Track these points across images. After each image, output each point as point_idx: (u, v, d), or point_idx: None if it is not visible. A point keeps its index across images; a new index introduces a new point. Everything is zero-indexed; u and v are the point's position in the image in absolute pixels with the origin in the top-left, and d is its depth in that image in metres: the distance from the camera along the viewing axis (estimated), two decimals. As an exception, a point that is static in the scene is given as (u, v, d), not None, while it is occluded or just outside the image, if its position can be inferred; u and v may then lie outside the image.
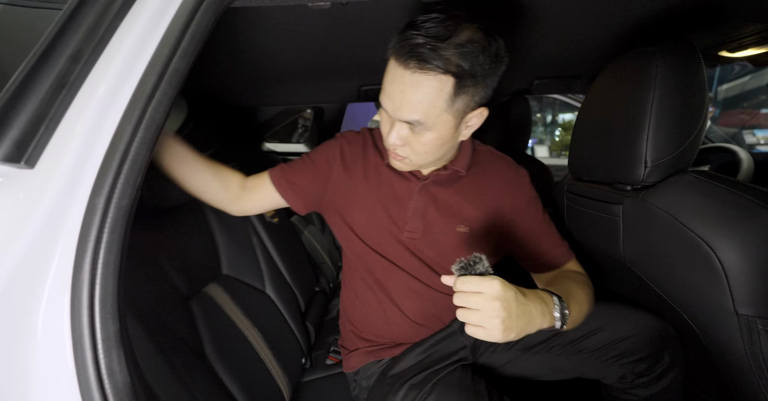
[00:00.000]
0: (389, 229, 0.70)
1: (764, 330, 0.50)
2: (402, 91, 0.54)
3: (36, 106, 0.35)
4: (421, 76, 0.52)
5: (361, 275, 0.75)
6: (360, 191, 0.71)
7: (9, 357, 0.33)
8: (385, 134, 0.60)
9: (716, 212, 0.51)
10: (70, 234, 0.36)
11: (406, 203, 0.70)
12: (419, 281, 0.71)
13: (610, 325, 0.68)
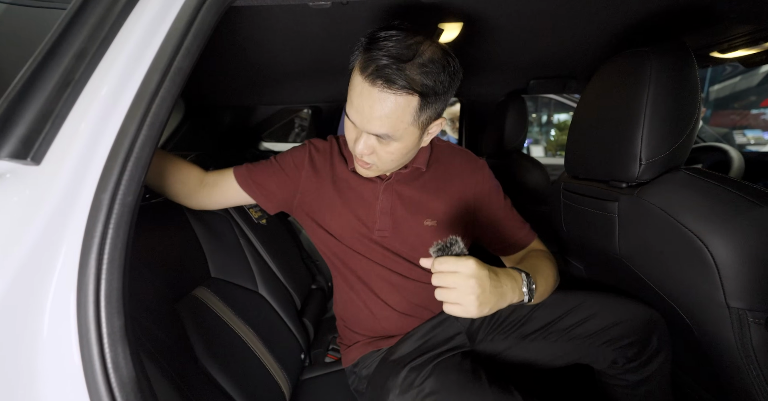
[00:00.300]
0: (360, 230, 0.73)
1: (754, 322, 0.52)
2: (370, 107, 0.55)
3: (42, 103, 0.36)
4: (388, 94, 0.54)
5: (343, 275, 0.78)
6: (329, 197, 0.74)
7: (16, 351, 0.33)
8: (352, 143, 0.62)
9: (708, 208, 0.53)
10: (75, 230, 0.36)
11: (373, 204, 0.73)
12: (398, 275, 0.74)
13: (602, 312, 0.71)
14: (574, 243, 0.90)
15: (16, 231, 0.34)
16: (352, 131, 0.62)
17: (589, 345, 0.72)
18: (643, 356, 0.71)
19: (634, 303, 0.73)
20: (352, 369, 0.81)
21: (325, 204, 0.74)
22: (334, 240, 0.75)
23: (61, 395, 0.35)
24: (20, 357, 0.34)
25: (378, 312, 0.76)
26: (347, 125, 0.62)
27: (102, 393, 0.36)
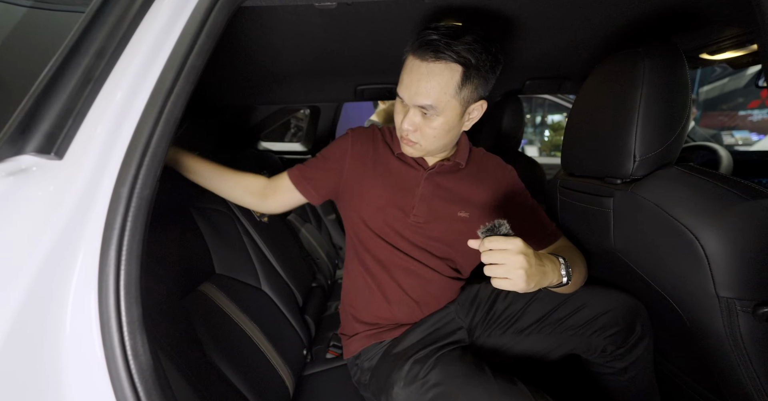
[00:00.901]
0: (395, 214, 0.77)
1: (742, 311, 0.54)
2: (418, 80, 0.64)
3: (64, 100, 0.37)
4: (435, 65, 0.63)
5: (363, 260, 0.81)
6: (369, 179, 0.78)
7: (41, 338, 0.34)
8: (399, 123, 0.70)
9: (699, 202, 0.55)
10: (96, 222, 0.38)
11: (413, 190, 0.78)
12: (418, 262, 0.78)
13: (591, 302, 0.75)
14: (570, 238, 0.93)
15: (41, 223, 0.35)
16: (400, 112, 0.70)
17: (581, 334, 0.75)
18: (629, 342, 0.75)
19: (617, 292, 0.77)
20: (353, 361, 0.82)
21: (365, 186, 0.78)
22: (363, 226, 0.79)
23: (84, 381, 0.36)
24: (45, 343, 0.35)
25: (392, 296, 0.78)
26: (397, 108, 0.71)
27: (123, 380, 0.37)
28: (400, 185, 0.78)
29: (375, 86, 1.62)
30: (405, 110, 0.69)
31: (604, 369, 0.80)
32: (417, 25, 0.99)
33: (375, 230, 0.78)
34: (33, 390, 0.34)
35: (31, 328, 0.34)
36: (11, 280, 0.33)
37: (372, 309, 0.81)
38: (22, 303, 0.33)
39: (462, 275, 0.85)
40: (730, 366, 0.60)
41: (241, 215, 1.10)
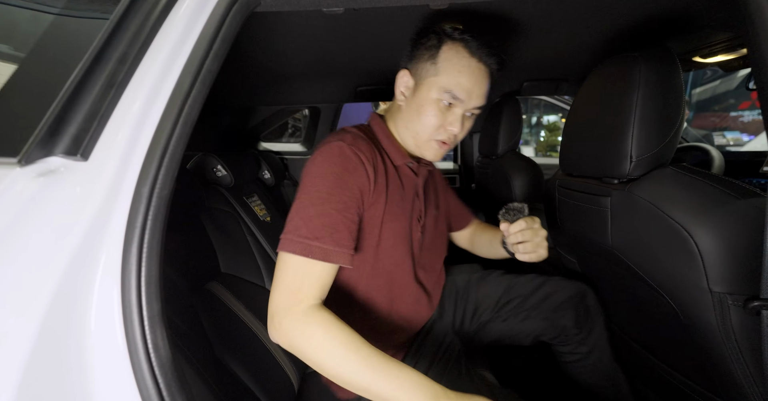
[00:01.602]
0: (412, 225, 0.74)
1: (733, 305, 0.57)
2: (480, 84, 0.66)
3: (89, 104, 0.38)
4: (489, 73, 0.68)
5: (371, 290, 0.70)
6: (383, 197, 0.67)
7: (69, 331, 0.36)
8: (444, 126, 0.67)
9: (693, 201, 0.58)
10: (118, 221, 0.39)
11: (420, 196, 0.78)
12: (422, 272, 0.78)
13: (557, 289, 0.88)
14: (568, 237, 0.95)
15: (69, 222, 0.36)
16: (441, 115, 0.66)
17: (540, 313, 0.87)
18: (588, 325, 0.86)
19: (570, 280, 0.91)
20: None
21: (380, 206, 0.66)
22: (378, 250, 0.68)
23: (108, 373, 0.38)
24: (72, 336, 0.36)
25: (386, 327, 0.72)
26: (435, 112, 0.66)
27: (145, 372, 0.39)
28: (411, 194, 0.74)
29: (375, 87, 1.64)
30: (454, 112, 0.66)
31: (572, 357, 0.89)
32: (419, 28, 1.01)
33: (390, 249, 0.69)
34: (62, 382, 0.35)
35: (59, 322, 0.35)
36: (42, 277, 0.34)
37: (378, 336, 0.71)
38: (52, 298, 0.34)
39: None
40: (722, 358, 0.62)
41: (245, 214, 1.12)
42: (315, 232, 0.54)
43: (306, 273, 0.54)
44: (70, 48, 0.40)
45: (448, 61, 0.65)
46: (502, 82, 1.63)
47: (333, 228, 0.55)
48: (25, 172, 0.36)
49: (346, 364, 0.50)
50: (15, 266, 0.34)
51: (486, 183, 1.64)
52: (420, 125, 0.67)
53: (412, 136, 0.70)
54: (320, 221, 0.55)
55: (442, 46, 0.66)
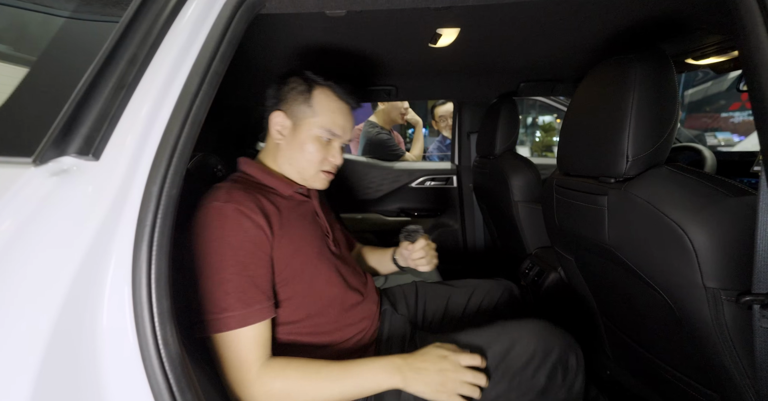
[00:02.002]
0: (325, 245, 0.75)
1: (726, 300, 0.59)
2: (351, 121, 0.78)
3: (101, 105, 0.39)
4: (350, 110, 0.79)
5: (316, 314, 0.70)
6: (288, 232, 0.67)
7: (82, 328, 0.36)
8: (326, 158, 0.75)
9: (688, 200, 0.59)
10: (129, 219, 0.40)
11: (323, 217, 0.80)
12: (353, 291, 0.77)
13: (520, 339, 0.70)
14: (566, 236, 0.97)
15: (82, 220, 0.37)
16: (323, 149, 0.74)
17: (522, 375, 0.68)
18: (568, 377, 0.71)
19: (550, 326, 0.74)
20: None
21: (287, 239, 0.66)
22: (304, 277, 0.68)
23: (119, 368, 0.38)
24: (85, 332, 0.37)
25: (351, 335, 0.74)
26: (318, 147, 0.74)
27: (156, 368, 0.39)
28: (313, 219, 0.76)
29: (374, 88, 1.65)
30: (333, 146, 0.76)
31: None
32: (417, 30, 1.03)
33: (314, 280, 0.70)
34: (75, 377, 0.36)
35: (73, 319, 0.36)
36: (56, 274, 0.35)
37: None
38: (66, 295, 0.35)
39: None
40: (715, 352, 0.64)
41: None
42: (221, 304, 0.55)
43: (237, 344, 0.55)
44: (80, 51, 0.41)
45: (322, 103, 0.74)
46: (499, 83, 1.65)
47: (238, 292, 0.55)
48: (40, 171, 0.36)
49: (317, 392, 0.57)
50: (31, 264, 0.34)
51: (484, 183, 1.65)
52: (305, 161, 0.74)
53: (298, 171, 0.76)
54: (222, 292, 0.55)
55: (312, 90, 0.74)
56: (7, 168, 0.36)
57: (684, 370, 0.78)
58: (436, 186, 2.08)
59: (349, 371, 0.59)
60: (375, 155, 2.13)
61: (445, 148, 2.43)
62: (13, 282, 0.33)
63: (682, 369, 0.79)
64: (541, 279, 1.30)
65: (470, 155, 1.99)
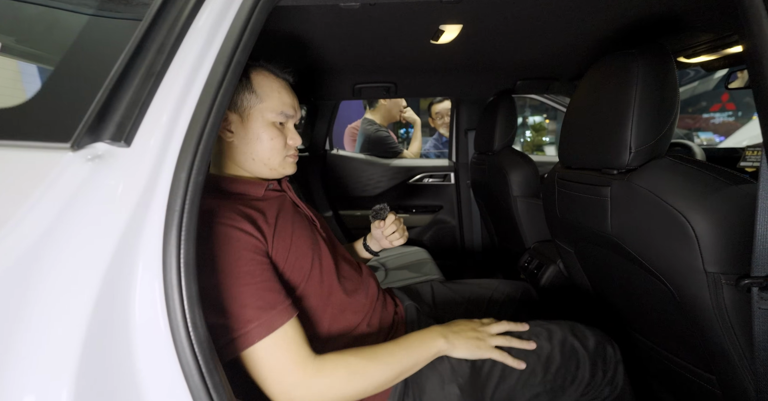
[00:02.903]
0: (317, 238, 0.72)
1: (726, 284, 0.62)
2: (294, 97, 0.73)
3: (131, 93, 0.39)
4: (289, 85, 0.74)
5: (338, 309, 0.71)
6: (284, 231, 0.66)
7: (114, 311, 0.37)
8: (284, 144, 0.70)
9: (690, 188, 0.62)
10: (159, 205, 0.40)
11: (303, 208, 0.76)
12: (351, 272, 0.77)
13: (555, 333, 0.74)
14: (567, 228, 1.00)
15: (116, 205, 0.37)
16: (281, 134, 0.69)
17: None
18: (610, 364, 0.74)
19: (579, 324, 0.78)
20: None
21: (281, 243, 0.64)
22: (314, 271, 0.69)
23: (151, 351, 0.39)
24: (118, 315, 0.37)
25: (369, 318, 0.75)
26: (276, 133, 0.68)
27: (186, 350, 0.40)
28: (296, 213, 0.72)
29: (374, 85, 1.66)
30: (288, 128, 0.71)
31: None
32: (421, 26, 1.04)
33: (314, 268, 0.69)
34: (111, 360, 0.36)
35: (109, 302, 0.36)
36: (95, 255, 0.35)
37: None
38: (103, 276, 0.35)
39: None
40: (715, 335, 0.67)
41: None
42: (242, 319, 0.53)
43: (277, 350, 0.54)
44: (111, 41, 0.41)
45: (264, 86, 0.68)
46: (497, 81, 1.68)
47: (254, 301, 0.54)
48: (77, 156, 0.37)
49: (370, 378, 0.59)
50: (70, 246, 0.35)
51: (482, 179, 1.68)
52: (268, 151, 0.68)
53: (264, 163, 0.69)
54: (238, 306, 0.53)
55: (250, 75, 0.67)
56: (48, 152, 0.36)
57: (683, 356, 0.82)
58: (434, 183, 2.10)
59: (395, 350, 0.63)
60: (373, 152, 2.14)
61: (442, 146, 2.45)
62: (59, 260, 0.34)
63: (681, 355, 0.82)
64: (540, 272, 1.33)
65: (468, 152, 2.02)
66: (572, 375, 0.72)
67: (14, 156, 0.36)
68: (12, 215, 0.33)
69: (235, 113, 0.67)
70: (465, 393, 0.67)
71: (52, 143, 0.36)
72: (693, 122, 5.49)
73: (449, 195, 2.10)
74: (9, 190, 0.35)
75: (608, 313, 1.05)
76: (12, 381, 0.31)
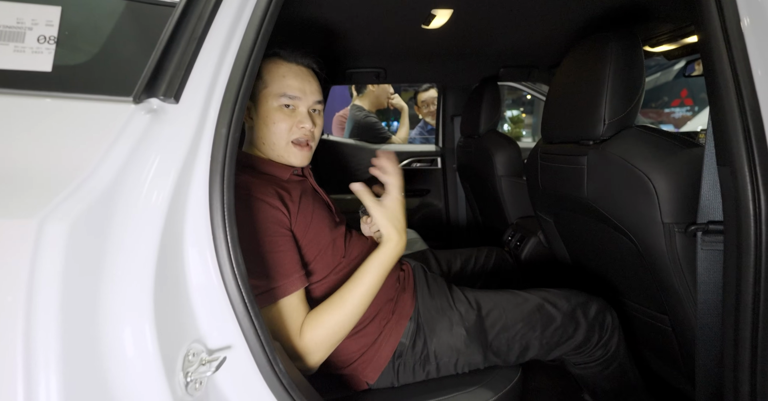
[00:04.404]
0: (336, 222, 0.79)
1: (678, 232, 0.73)
2: (309, 82, 0.74)
3: (178, 55, 0.44)
4: (309, 72, 0.76)
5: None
6: (306, 217, 0.72)
7: (175, 246, 0.42)
8: (293, 129, 0.72)
9: (652, 152, 0.73)
10: (204, 155, 0.45)
11: (323, 196, 0.81)
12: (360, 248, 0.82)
13: (559, 298, 0.84)
14: (548, 198, 1.10)
15: (171, 155, 0.42)
16: (287, 118, 0.71)
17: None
18: (606, 331, 0.83)
19: (584, 292, 0.88)
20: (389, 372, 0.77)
21: (302, 220, 0.71)
22: (333, 248, 0.75)
23: (202, 285, 0.44)
24: (174, 251, 0.42)
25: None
26: (282, 117, 0.71)
27: (231, 284, 0.45)
28: (318, 199, 0.77)
29: (364, 70, 1.71)
30: (299, 111, 0.72)
31: (588, 359, 0.85)
32: (414, 10, 1.11)
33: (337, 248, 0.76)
34: (175, 292, 0.42)
35: (171, 237, 0.41)
36: (158, 200, 0.40)
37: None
38: (165, 218, 0.41)
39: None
40: (668, 277, 0.79)
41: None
42: (263, 279, 0.61)
43: (284, 312, 0.63)
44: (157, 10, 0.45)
45: (270, 72, 0.72)
46: (482, 67, 1.77)
47: (276, 267, 0.62)
48: (138, 109, 0.41)
49: (354, 310, 0.66)
50: (138, 186, 0.40)
51: (468, 161, 1.77)
52: (273, 135, 0.72)
53: (272, 148, 0.73)
54: (259, 270, 0.61)
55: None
56: (116, 105, 0.40)
57: (643, 302, 0.94)
58: (421, 167, 2.18)
59: (361, 275, 0.68)
60: (363, 138, 2.19)
61: (427, 133, 2.53)
62: (130, 197, 0.39)
63: (642, 302, 0.95)
64: (522, 244, 1.44)
65: (454, 137, 2.11)
66: (568, 335, 0.81)
67: (87, 107, 0.40)
68: (92, 156, 0.37)
69: (251, 100, 0.72)
70: (471, 336, 0.77)
71: (118, 97, 0.40)
72: (657, 116, 5.89)
73: (436, 179, 2.19)
74: (88, 135, 0.39)
75: (583, 277, 1.18)
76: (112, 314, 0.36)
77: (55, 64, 0.40)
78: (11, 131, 0.38)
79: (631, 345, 0.93)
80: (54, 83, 0.40)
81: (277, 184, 0.71)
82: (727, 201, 0.53)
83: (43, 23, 0.39)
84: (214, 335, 0.46)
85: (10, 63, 0.39)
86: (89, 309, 0.34)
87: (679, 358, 0.89)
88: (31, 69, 0.39)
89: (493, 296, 0.85)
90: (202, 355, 0.46)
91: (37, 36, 0.39)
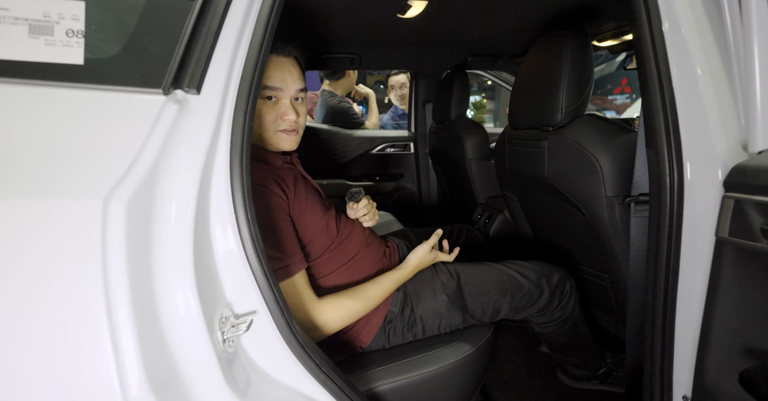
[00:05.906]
0: (327, 206, 0.86)
1: (617, 204, 0.88)
2: (290, 72, 0.76)
3: (198, 49, 0.48)
4: (291, 61, 0.77)
5: (333, 264, 0.84)
6: (301, 202, 0.77)
7: (199, 225, 0.47)
8: (278, 119, 0.75)
9: (599, 136, 0.87)
10: (224, 141, 0.50)
11: (312, 181, 0.88)
12: (364, 233, 0.93)
13: (529, 270, 0.97)
14: (514, 178, 1.24)
15: (197, 142, 0.47)
16: (271, 111, 0.74)
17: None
18: (565, 296, 0.99)
19: (549, 264, 1.01)
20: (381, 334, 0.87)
21: (298, 205, 0.77)
22: (327, 228, 0.82)
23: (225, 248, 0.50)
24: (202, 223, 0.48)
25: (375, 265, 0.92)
26: (266, 110, 0.74)
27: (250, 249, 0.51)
28: (309, 184, 0.84)
29: (339, 55, 1.73)
30: (282, 104, 0.75)
31: (549, 319, 1.00)
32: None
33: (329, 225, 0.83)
34: (204, 257, 0.47)
35: (200, 211, 0.47)
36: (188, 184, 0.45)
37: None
38: (196, 198, 0.46)
39: None
40: (609, 241, 0.95)
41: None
42: (276, 255, 0.67)
43: (291, 291, 0.70)
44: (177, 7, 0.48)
45: None
46: (452, 56, 1.86)
47: (278, 249, 0.68)
48: (168, 100, 0.45)
49: (367, 304, 0.79)
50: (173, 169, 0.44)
51: (440, 146, 1.88)
52: (259, 127, 0.75)
53: (260, 139, 0.77)
54: (271, 248, 0.67)
55: None
56: (147, 96, 0.44)
57: (590, 264, 1.12)
58: (395, 153, 2.26)
59: (382, 281, 0.84)
60: (336, 123, 2.22)
61: (398, 118, 2.60)
62: (166, 179, 0.43)
63: (589, 264, 1.12)
64: (490, 222, 1.59)
65: (426, 122, 2.20)
66: (534, 300, 0.95)
67: (120, 98, 0.44)
68: (134, 144, 0.41)
69: None
70: (451, 301, 0.88)
71: (149, 88, 0.44)
72: (601, 102, 6.45)
73: (409, 164, 2.29)
74: (127, 124, 0.43)
75: (543, 248, 1.35)
76: (165, 282, 0.41)
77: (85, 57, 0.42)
78: (58, 120, 0.41)
79: (583, 306, 1.11)
80: (85, 76, 0.42)
81: (272, 172, 0.75)
82: (652, 177, 0.66)
83: (70, 17, 0.41)
84: (241, 299, 0.52)
85: (44, 56, 0.41)
86: (147, 277, 0.39)
87: (616, 308, 1.08)
88: (65, 62, 0.41)
89: (471, 268, 0.97)
90: (231, 319, 0.52)
91: (66, 30, 0.41)
